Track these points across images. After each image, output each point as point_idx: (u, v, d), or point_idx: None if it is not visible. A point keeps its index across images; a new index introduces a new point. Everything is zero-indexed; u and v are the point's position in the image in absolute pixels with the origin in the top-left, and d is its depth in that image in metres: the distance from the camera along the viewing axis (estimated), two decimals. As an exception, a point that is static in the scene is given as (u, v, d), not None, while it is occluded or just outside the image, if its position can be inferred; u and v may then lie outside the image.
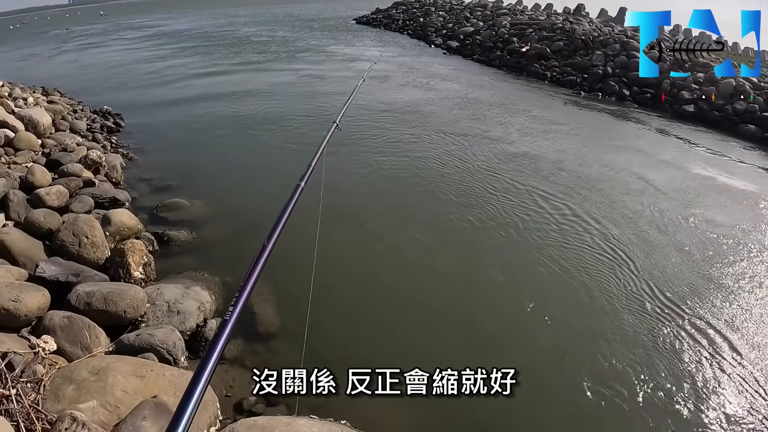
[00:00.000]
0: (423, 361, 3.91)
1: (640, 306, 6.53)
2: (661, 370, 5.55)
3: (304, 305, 6.24)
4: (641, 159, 12.01)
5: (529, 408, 5.12)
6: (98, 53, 23.52)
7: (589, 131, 14.20)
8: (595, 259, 7.39)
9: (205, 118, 13.84)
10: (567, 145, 12.56)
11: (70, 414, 3.45)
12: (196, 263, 7.09)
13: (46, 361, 4.45)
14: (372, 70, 9.99)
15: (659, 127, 15.65)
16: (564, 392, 5.35)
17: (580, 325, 6.20)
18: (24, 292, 4.99)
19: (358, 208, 8.82)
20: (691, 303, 6.62)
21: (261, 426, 4.11)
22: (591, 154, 12.10)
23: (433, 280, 7.02)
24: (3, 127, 9.37)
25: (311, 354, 5.42)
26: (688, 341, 5.95)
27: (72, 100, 15.24)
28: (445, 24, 32.18)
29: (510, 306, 6.56)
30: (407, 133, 12.61)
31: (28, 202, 7.38)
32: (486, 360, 5.49)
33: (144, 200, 8.99)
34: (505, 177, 10.22)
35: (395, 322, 6.20)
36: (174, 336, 5.26)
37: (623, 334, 6.06)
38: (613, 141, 13.44)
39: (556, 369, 5.61)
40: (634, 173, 10.88)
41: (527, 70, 22.78)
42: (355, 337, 5.87)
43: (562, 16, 29.26)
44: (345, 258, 7.20)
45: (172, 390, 4.28)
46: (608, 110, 17.34)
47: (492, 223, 8.36)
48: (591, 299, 6.63)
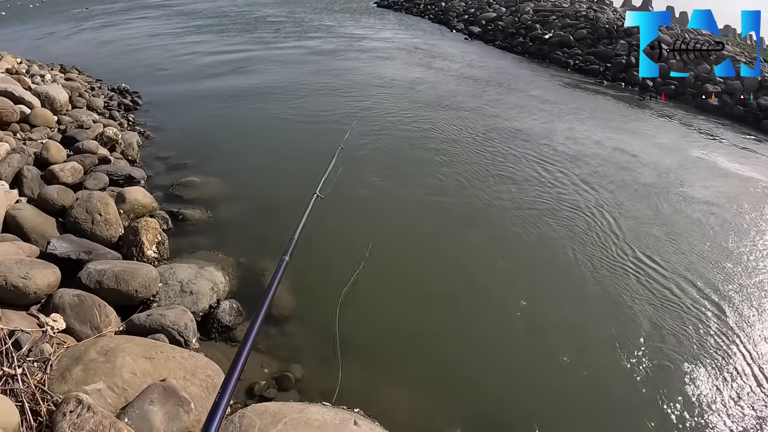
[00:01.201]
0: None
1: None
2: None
3: (320, 289, 6.21)
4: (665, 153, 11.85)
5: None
6: (116, 32, 23.43)
7: (617, 122, 14.01)
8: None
9: (222, 98, 13.71)
10: (596, 136, 12.38)
11: (76, 396, 3.34)
12: (211, 243, 6.98)
13: (54, 340, 4.36)
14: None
15: (683, 119, 15.40)
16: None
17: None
18: (34, 269, 4.90)
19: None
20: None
21: (272, 412, 4.00)
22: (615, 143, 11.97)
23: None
24: (19, 103, 9.28)
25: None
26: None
27: (90, 78, 15.16)
28: (466, 9, 31.72)
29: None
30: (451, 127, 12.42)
31: (42, 179, 7.28)
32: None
33: (159, 178, 8.89)
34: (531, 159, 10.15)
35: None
36: (186, 317, 5.15)
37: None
38: (635, 131, 13.24)
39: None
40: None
41: (550, 58, 22.43)
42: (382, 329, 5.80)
43: (585, 4, 28.82)
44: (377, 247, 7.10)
45: (182, 373, 4.18)
46: (631, 100, 17.08)
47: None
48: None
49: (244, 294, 5.97)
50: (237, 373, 1.85)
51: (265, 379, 4.92)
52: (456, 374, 5.24)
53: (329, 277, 6.43)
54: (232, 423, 3.89)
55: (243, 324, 5.54)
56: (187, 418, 3.66)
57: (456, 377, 5.20)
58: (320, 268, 6.56)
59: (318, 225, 7.50)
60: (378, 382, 5.03)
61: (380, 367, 5.24)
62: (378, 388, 4.95)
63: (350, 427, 4.02)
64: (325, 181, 4.35)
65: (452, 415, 4.75)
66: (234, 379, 1.78)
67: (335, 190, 4.47)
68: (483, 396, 5.01)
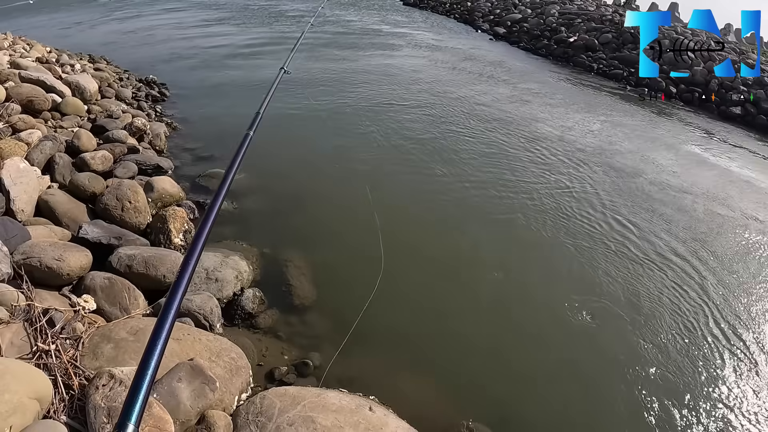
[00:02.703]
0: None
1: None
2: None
3: (341, 280, 6.35)
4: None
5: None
6: (142, 22, 23.57)
7: (641, 129, 14.00)
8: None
9: (248, 90, 13.75)
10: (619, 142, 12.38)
11: (108, 371, 3.49)
12: (236, 233, 7.12)
13: (85, 320, 4.52)
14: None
15: (705, 127, 15.34)
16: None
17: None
18: (68, 251, 5.06)
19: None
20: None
21: (291, 395, 4.13)
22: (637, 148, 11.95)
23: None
24: (51, 91, 9.45)
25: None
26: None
27: (118, 69, 15.30)
28: (492, 9, 31.68)
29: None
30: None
31: (74, 166, 7.46)
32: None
33: (186, 169, 9.05)
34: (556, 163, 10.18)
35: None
36: (211, 303, 5.32)
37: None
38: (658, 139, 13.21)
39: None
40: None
41: (574, 61, 22.42)
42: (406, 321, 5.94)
43: (611, 8, 28.76)
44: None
45: (207, 354, 4.32)
46: (653, 106, 17.01)
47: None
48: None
49: (268, 283, 6.12)
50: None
51: (286, 365, 5.06)
52: (473, 366, 5.35)
53: (351, 269, 6.57)
54: (253, 404, 4.03)
55: (266, 312, 5.70)
56: (212, 396, 3.80)
57: (472, 369, 5.31)
58: (343, 260, 6.72)
59: (342, 220, 7.68)
60: (394, 370, 5.15)
61: (397, 357, 5.37)
62: (393, 377, 5.07)
63: (365, 412, 4.14)
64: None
65: (465, 406, 4.86)
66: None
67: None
68: (499, 389, 5.11)
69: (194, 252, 2.05)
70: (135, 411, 1.52)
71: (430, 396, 4.94)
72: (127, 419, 1.49)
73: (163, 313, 1.84)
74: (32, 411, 3.17)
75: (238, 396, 4.26)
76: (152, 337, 1.75)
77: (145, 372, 1.64)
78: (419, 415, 4.56)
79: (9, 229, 5.09)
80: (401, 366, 5.24)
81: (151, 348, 1.73)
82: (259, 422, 3.82)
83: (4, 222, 5.15)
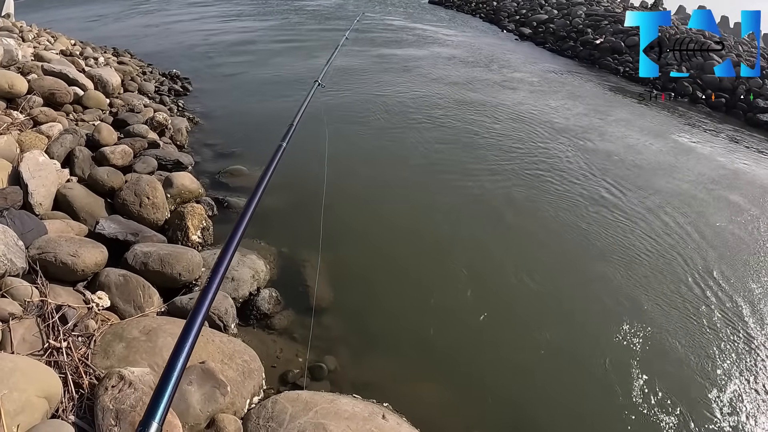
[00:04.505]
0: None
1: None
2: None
3: (360, 282, 6.28)
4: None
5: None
6: (166, 16, 23.67)
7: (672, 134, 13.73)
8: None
9: (271, 87, 13.78)
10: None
11: (118, 372, 3.44)
12: (254, 231, 7.02)
13: (98, 317, 4.48)
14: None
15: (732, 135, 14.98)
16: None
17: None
18: (83, 247, 5.03)
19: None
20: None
21: (304, 400, 4.06)
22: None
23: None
24: (73, 84, 9.48)
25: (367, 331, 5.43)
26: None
27: (141, 62, 15.38)
28: (518, 9, 31.47)
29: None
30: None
31: (93, 160, 7.44)
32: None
33: (206, 165, 9.01)
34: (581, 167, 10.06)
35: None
36: (226, 302, 5.26)
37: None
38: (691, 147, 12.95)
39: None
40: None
41: (600, 63, 22.07)
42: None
43: (639, 10, 28.44)
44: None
45: (220, 356, 4.26)
46: (679, 111, 16.70)
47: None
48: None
49: (284, 283, 6.03)
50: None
51: (299, 368, 4.98)
52: (492, 377, 5.24)
53: (369, 273, 6.50)
54: (265, 408, 3.97)
55: (281, 312, 5.62)
56: (222, 400, 3.75)
57: (491, 380, 5.20)
58: (363, 263, 6.65)
59: (366, 221, 7.59)
60: (410, 377, 5.07)
61: (414, 363, 5.27)
62: (409, 384, 4.99)
63: (378, 421, 4.06)
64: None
65: (481, 417, 4.76)
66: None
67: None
68: (515, 401, 5.00)
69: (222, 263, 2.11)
70: (159, 410, 1.66)
71: (445, 405, 4.83)
72: (152, 417, 1.63)
73: (192, 315, 1.95)
74: (40, 410, 3.13)
75: (249, 399, 4.19)
76: (180, 339, 1.94)
77: (171, 373, 1.80)
78: (433, 424, 4.48)
79: (26, 223, 5.06)
80: (417, 372, 5.14)
81: (178, 350, 1.92)
82: (269, 427, 3.75)
83: (20, 216, 5.12)
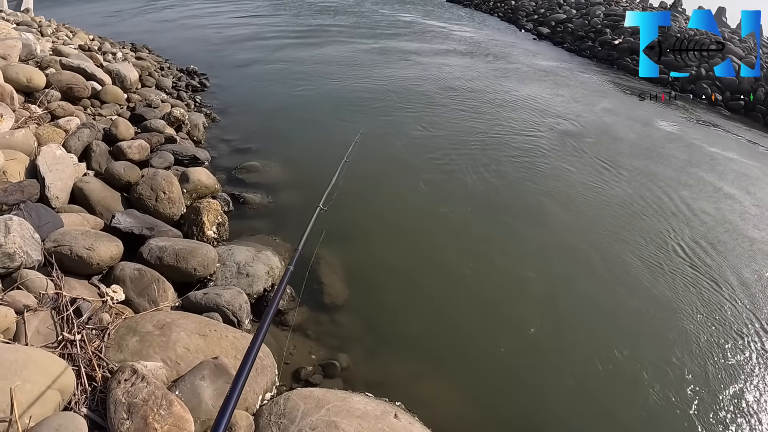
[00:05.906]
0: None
1: None
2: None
3: (374, 281, 6.25)
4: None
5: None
6: (185, 12, 23.69)
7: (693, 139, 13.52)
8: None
9: (289, 83, 13.80)
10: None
11: (131, 366, 3.44)
12: (269, 227, 7.07)
13: (113, 311, 4.49)
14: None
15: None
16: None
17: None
18: (98, 241, 5.05)
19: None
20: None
21: (316, 398, 4.05)
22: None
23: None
24: (91, 79, 9.52)
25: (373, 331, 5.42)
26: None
27: (159, 58, 15.41)
28: (536, 9, 31.34)
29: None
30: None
31: (110, 154, 7.48)
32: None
33: (223, 160, 9.02)
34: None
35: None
36: (241, 298, 5.24)
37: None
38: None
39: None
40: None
41: (618, 64, 21.96)
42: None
43: (657, 10, 28.21)
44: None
45: (233, 352, 4.25)
46: (697, 113, 16.50)
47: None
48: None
49: (299, 280, 6.02)
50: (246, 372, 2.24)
51: (312, 365, 4.98)
52: (503, 376, 5.21)
53: (384, 271, 6.47)
54: (277, 405, 3.95)
55: (295, 309, 5.59)
56: (235, 396, 3.74)
57: (503, 379, 5.16)
58: (378, 262, 6.62)
59: (380, 220, 7.57)
60: (422, 376, 5.05)
61: (427, 361, 5.25)
62: (421, 383, 4.96)
63: (390, 420, 4.04)
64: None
65: (491, 418, 4.74)
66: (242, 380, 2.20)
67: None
68: (529, 401, 4.97)
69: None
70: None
71: (457, 405, 4.82)
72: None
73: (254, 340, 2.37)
74: (53, 402, 3.15)
75: (261, 395, 4.18)
76: (240, 367, 2.22)
77: (233, 394, 2.07)
78: (445, 424, 4.46)
79: (42, 216, 5.09)
80: (430, 371, 5.12)
81: (240, 373, 2.19)
82: (281, 424, 3.74)
83: (37, 209, 5.15)
